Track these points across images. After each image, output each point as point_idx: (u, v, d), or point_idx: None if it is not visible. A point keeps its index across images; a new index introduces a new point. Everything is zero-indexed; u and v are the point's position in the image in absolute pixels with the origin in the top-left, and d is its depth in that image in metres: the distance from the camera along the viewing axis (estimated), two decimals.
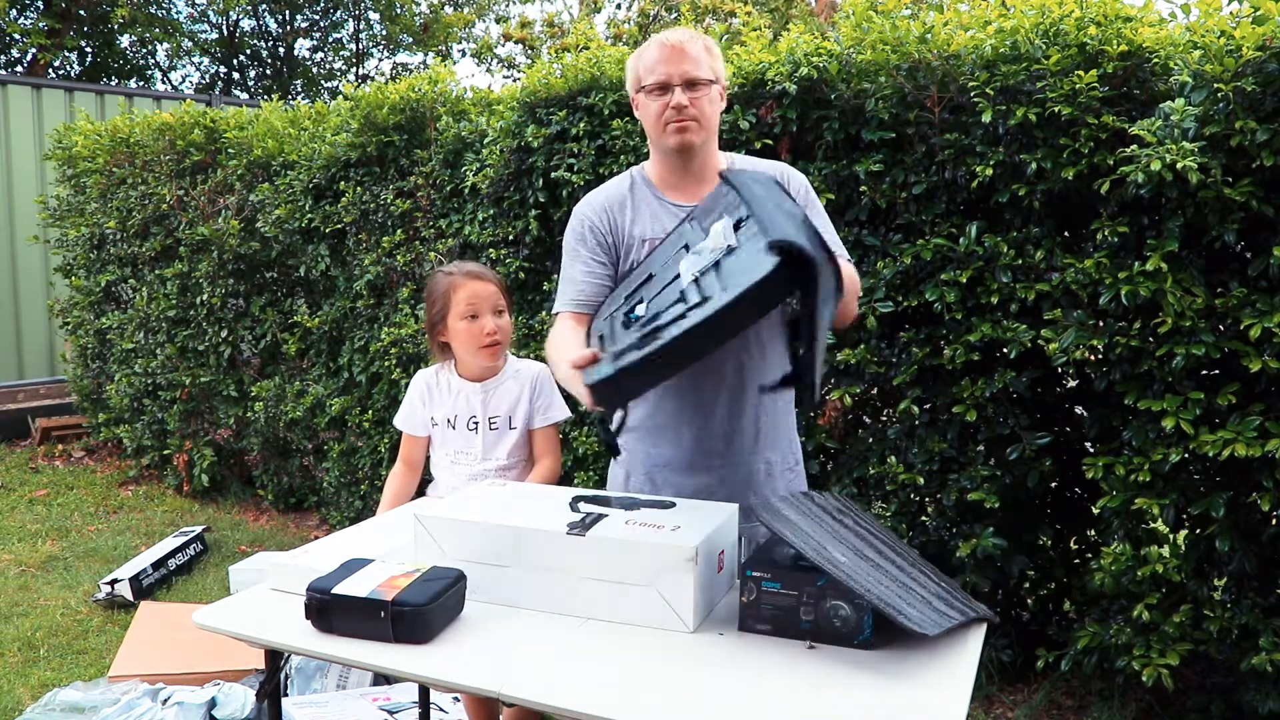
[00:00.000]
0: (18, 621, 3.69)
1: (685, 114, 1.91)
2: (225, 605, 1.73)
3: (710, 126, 1.96)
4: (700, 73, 1.91)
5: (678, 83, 1.90)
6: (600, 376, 1.53)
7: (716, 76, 1.95)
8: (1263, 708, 2.58)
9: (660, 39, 1.94)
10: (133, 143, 5.38)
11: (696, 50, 1.92)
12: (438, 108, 4.06)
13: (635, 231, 2.00)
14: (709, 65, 1.93)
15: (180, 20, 14.17)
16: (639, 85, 1.96)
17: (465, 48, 15.87)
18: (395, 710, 2.81)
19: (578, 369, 1.59)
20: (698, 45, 1.93)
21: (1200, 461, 2.60)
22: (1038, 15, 2.71)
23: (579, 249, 2.01)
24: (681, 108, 1.90)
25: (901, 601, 1.49)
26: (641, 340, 1.56)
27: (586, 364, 1.59)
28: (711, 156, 2.01)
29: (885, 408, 3.16)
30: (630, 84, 2.00)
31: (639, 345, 1.54)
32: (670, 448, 2.01)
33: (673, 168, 2.00)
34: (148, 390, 5.50)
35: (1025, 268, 2.75)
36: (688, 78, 1.90)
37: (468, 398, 2.37)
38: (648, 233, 1.99)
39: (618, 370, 1.51)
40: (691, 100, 1.90)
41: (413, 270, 4.12)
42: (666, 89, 1.91)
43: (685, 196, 1.99)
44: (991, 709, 3.00)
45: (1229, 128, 2.37)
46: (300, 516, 5.05)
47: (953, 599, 1.60)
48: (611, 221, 2.00)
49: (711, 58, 1.94)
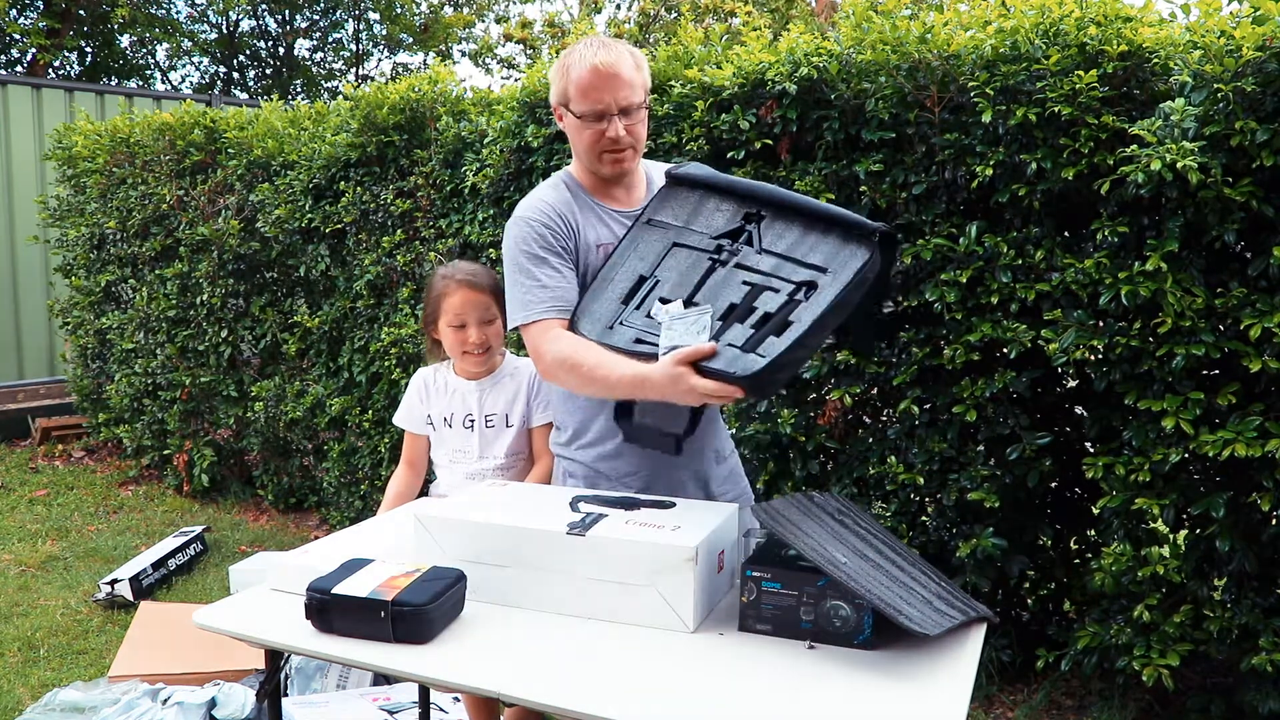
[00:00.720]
0: (18, 621, 3.69)
1: (622, 143, 1.90)
2: (225, 605, 1.73)
3: (643, 146, 1.98)
4: (635, 97, 1.89)
5: (614, 112, 1.87)
6: (756, 368, 1.63)
7: (647, 88, 1.94)
8: (1263, 708, 2.58)
9: (593, 61, 1.86)
10: (133, 143, 5.38)
11: (629, 71, 1.88)
12: (438, 108, 4.06)
13: (590, 237, 1.98)
14: (641, 83, 1.91)
15: (180, 20, 14.17)
16: (567, 102, 1.92)
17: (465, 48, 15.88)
18: (395, 710, 2.81)
19: (689, 364, 1.64)
20: (629, 65, 1.88)
21: (1200, 461, 2.61)
22: (1038, 15, 2.71)
23: (543, 255, 1.92)
24: (618, 139, 1.89)
25: (902, 602, 1.49)
26: (764, 333, 1.69)
27: (705, 357, 1.65)
28: (641, 166, 2.05)
29: (885, 408, 3.16)
30: (556, 95, 1.95)
31: (772, 334, 1.68)
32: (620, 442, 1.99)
33: (605, 180, 2.01)
34: (148, 390, 5.50)
35: (1025, 268, 2.75)
36: (623, 105, 1.87)
37: (464, 396, 2.37)
38: (601, 238, 1.97)
39: (770, 361, 1.63)
40: (628, 129, 1.89)
41: (413, 270, 4.13)
42: (601, 118, 1.88)
43: (622, 203, 2.01)
44: (991, 709, 3.00)
45: (1229, 128, 2.37)
46: (300, 516, 5.05)
47: (953, 599, 1.60)
48: (569, 225, 1.96)
49: (642, 73, 1.92)
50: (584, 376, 1.80)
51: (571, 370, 1.82)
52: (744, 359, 1.66)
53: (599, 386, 1.80)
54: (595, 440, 2.01)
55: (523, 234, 1.93)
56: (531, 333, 1.90)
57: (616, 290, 1.88)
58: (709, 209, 1.89)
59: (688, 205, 1.90)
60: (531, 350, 1.91)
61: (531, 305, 1.89)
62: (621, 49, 1.89)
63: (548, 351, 1.85)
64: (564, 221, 1.94)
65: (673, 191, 1.93)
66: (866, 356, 2.85)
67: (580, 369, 1.79)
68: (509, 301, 1.95)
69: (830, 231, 1.77)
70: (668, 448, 1.90)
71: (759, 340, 1.68)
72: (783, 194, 1.84)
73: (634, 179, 2.03)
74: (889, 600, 1.47)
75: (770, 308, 1.72)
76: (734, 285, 1.78)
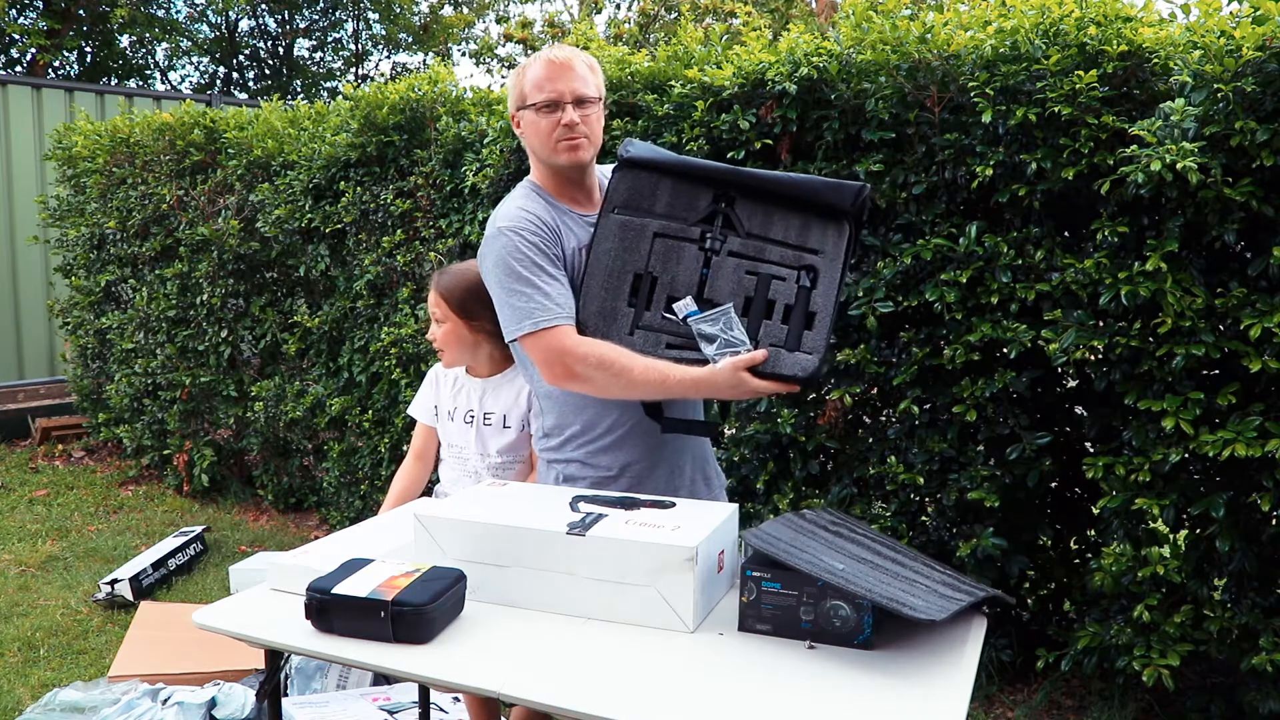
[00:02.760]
0: (18, 621, 3.69)
1: (577, 131, 1.94)
2: (225, 605, 1.73)
3: (598, 142, 2.00)
4: (588, 90, 1.95)
5: (568, 100, 1.93)
6: (814, 367, 1.84)
7: (601, 93, 1.99)
8: (1263, 708, 2.58)
9: (547, 56, 1.96)
10: (133, 143, 5.39)
11: (582, 68, 1.96)
12: (438, 108, 4.06)
13: (569, 242, 1.99)
14: (594, 83, 1.97)
15: (179, 20, 14.18)
16: (524, 102, 1.97)
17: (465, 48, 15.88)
18: (395, 710, 2.81)
19: (747, 369, 1.82)
20: (581, 63, 1.96)
21: (1200, 461, 2.61)
22: (1038, 15, 2.71)
23: (540, 263, 1.92)
24: (573, 125, 1.93)
25: (905, 594, 1.49)
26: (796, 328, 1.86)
27: (760, 363, 1.83)
28: (595, 169, 2.08)
29: (885, 408, 3.16)
30: (514, 101, 2.01)
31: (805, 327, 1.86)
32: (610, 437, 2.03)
33: (565, 182, 2.02)
34: (148, 390, 5.50)
35: (1025, 268, 2.75)
36: (577, 95, 1.93)
37: (468, 393, 2.40)
38: (580, 241, 2.00)
39: (822, 357, 1.84)
40: (582, 118, 1.94)
41: (413, 270, 4.12)
42: (556, 106, 1.93)
43: (584, 207, 2.03)
44: (991, 709, 3.00)
45: (1229, 128, 2.37)
46: (300, 516, 5.05)
47: (959, 584, 1.60)
48: (554, 232, 1.97)
49: (595, 75, 1.99)
50: (630, 379, 1.84)
51: (616, 374, 1.85)
52: (797, 359, 1.84)
53: (648, 388, 1.87)
54: (602, 434, 2.02)
55: (512, 245, 1.92)
56: (546, 340, 1.87)
57: (616, 289, 1.89)
58: (675, 193, 1.94)
59: (650, 190, 1.95)
60: (550, 356, 1.88)
61: (538, 313, 1.88)
62: (577, 51, 1.98)
63: (584, 354, 1.86)
64: (548, 229, 1.95)
65: (629, 175, 1.96)
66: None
67: (628, 372, 1.84)
68: (504, 313, 1.93)
69: (804, 207, 1.90)
70: (712, 436, 2.12)
71: (796, 336, 1.85)
72: (743, 173, 1.94)
73: (592, 181, 2.06)
74: (891, 595, 1.47)
75: (788, 299, 1.87)
76: (738, 276, 1.89)
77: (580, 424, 2.04)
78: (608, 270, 1.91)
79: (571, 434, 2.04)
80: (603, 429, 2.02)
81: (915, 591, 1.52)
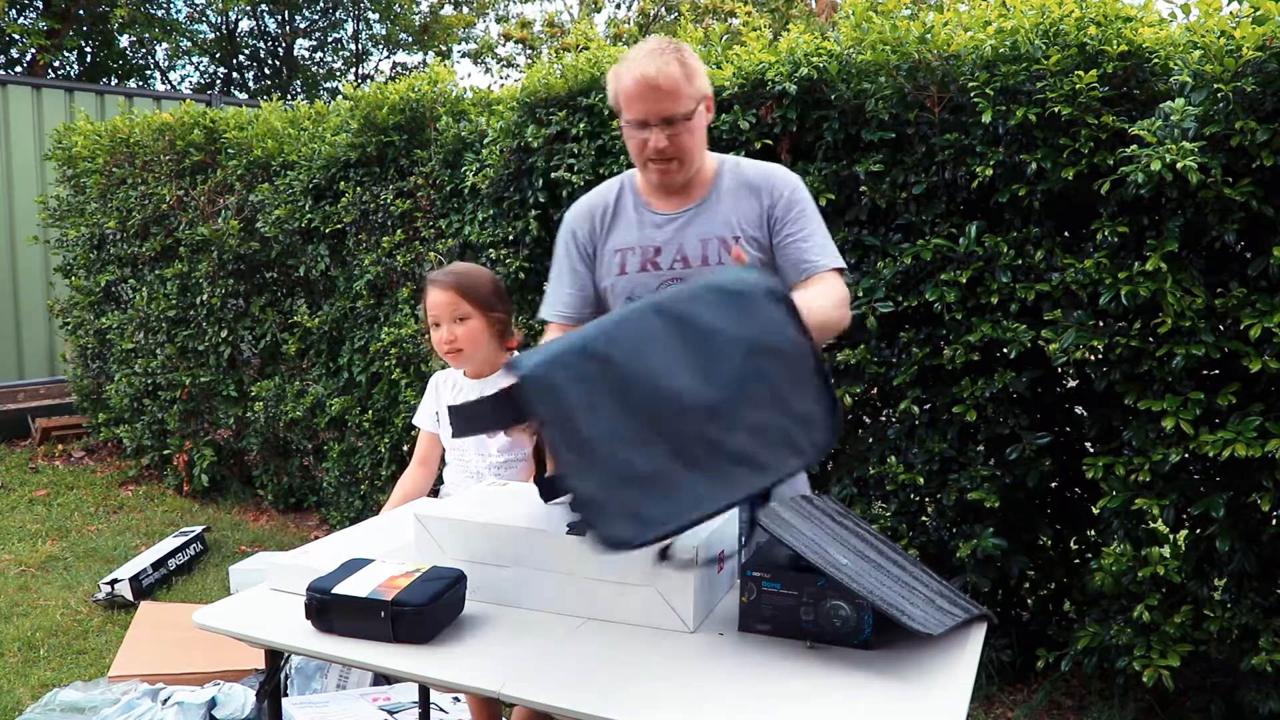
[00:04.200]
0: (18, 621, 3.69)
1: (664, 154, 1.89)
2: (225, 605, 1.73)
3: (692, 154, 1.93)
4: (678, 108, 1.86)
5: (655, 122, 1.87)
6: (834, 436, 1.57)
7: (699, 98, 1.89)
8: (1263, 708, 2.58)
9: (639, 71, 1.85)
10: (133, 143, 5.38)
11: (673, 82, 1.84)
12: (437, 108, 4.06)
13: (610, 242, 2.02)
14: (687, 94, 1.86)
15: (179, 20, 14.18)
16: (616, 108, 1.95)
17: (465, 48, 15.88)
18: (395, 710, 2.81)
19: None
20: (674, 74, 1.84)
21: (1200, 461, 2.60)
22: (1038, 15, 2.71)
23: (565, 259, 2.08)
24: (661, 149, 1.88)
25: (904, 602, 1.49)
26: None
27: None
28: (698, 171, 1.99)
29: (885, 408, 3.16)
30: (611, 98, 1.98)
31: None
32: None
33: (657, 185, 2.01)
34: (148, 390, 5.50)
35: (1025, 268, 2.75)
36: (664, 115, 1.86)
37: (466, 394, 2.39)
38: (619, 243, 2.02)
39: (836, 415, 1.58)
40: (670, 138, 1.87)
41: (413, 270, 4.12)
42: (644, 126, 1.88)
43: (669, 205, 2.00)
44: (991, 709, 3.00)
45: (1229, 128, 2.37)
46: (300, 516, 5.05)
47: (955, 598, 1.60)
48: (593, 229, 2.04)
49: (690, 83, 1.87)
50: None
51: None
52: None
53: None
54: None
55: (561, 233, 2.09)
56: (548, 333, 2.06)
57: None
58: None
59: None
60: None
61: (547, 304, 2.09)
62: (670, 58, 1.85)
63: None
64: (590, 224, 2.04)
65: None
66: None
67: None
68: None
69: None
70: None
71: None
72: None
73: (691, 183, 1.99)
74: (892, 601, 1.47)
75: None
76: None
77: None
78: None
79: None
80: None
81: (914, 600, 1.52)
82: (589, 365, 1.35)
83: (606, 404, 1.35)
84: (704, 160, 1.99)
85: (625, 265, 2.02)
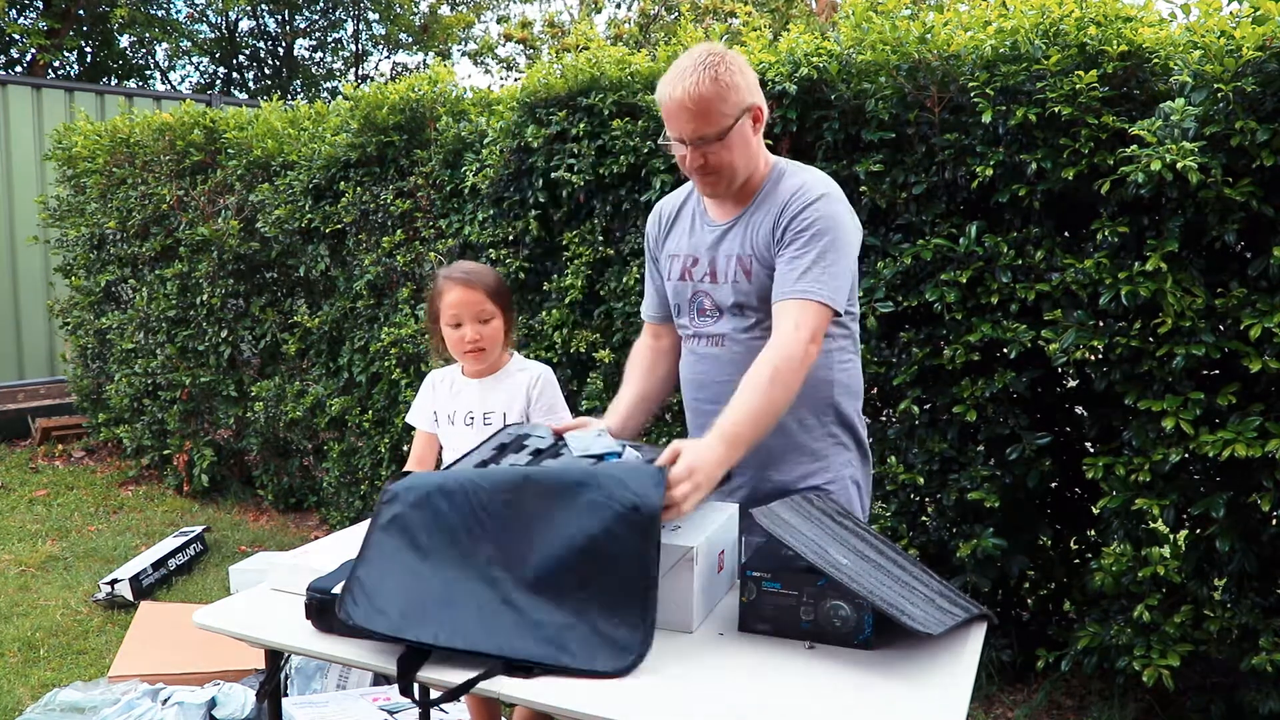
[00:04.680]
0: (18, 621, 3.69)
1: (705, 170, 1.86)
2: (225, 605, 1.73)
3: (733, 168, 1.86)
4: (709, 129, 1.80)
5: (690, 141, 1.83)
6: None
7: (737, 113, 1.81)
8: (1263, 708, 2.58)
9: (671, 89, 1.80)
10: (133, 143, 5.38)
11: (703, 103, 1.78)
12: (437, 108, 4.06)
13: (667, 246, 2.07)
14: (720, 112, 1.79)
15: (179, 20, 14.18)
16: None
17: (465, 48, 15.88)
18: (395, 710, 2.81)
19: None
20: (705, 94, 1.77)
21: (1200, 461, 2.60)
22: (1038, 15, 2.71)
23: (647, 257, 2.18)
24: (700, 167, 1.86)
25: (904, 601, 1.49)
26: None
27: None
28: (749, 177, 1.92)
29: (885, 408, 3.16)
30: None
31: None
32: None
33: (707, 195, 1.99)
34: (148, 390, 5.50)
35: (1025, 268, 2.75)
36: (696, 136, 1.81)
37: (467, 394, 2.39)
38: (674, 248, 2.05)
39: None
40: (706, 156, 1.83)
41: (413, 270, 4.12)
42: (682, 143, 1.85)
43: (720, 214, 1.98)
44: (991, 709, 3.00)
45: (1229, 128, 2.37)
46: (300, 516, 5.05)
47: (956, 597, 1.60)
48: (659, 229, 2.11)
49: (726, 100, 1.79)
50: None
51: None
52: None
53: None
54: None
55: (645, 229, 2.17)
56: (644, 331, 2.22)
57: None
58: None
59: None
60: None
61: (643, 307, 2.23)
62: (704, 75, 1.78)
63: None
64: (659, 225, 2.11)
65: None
66: None
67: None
68: None
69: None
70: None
71: None
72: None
73: (743, 190, 1.93)
74: (891, 601, 1.47)
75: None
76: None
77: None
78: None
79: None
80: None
81: (914, 599, 1.52)
82: (437, 501, 1.55)
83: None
84: (758, 166, 1.92)
85: (672, 272, 2.04)
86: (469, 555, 1.51)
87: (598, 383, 3.51)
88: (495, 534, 1.51)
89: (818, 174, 1.93)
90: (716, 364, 1.95)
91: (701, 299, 1.98)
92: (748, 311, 1.92)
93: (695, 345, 2.01)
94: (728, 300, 1.93)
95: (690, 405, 2.06)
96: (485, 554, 1.50)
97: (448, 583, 1.49)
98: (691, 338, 2.02)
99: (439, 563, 1.50)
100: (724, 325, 1.95)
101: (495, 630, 1.44)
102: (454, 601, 1.47)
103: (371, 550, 1.53)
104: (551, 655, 1.42)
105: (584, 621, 1.44)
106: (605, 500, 1.47)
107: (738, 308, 1.93)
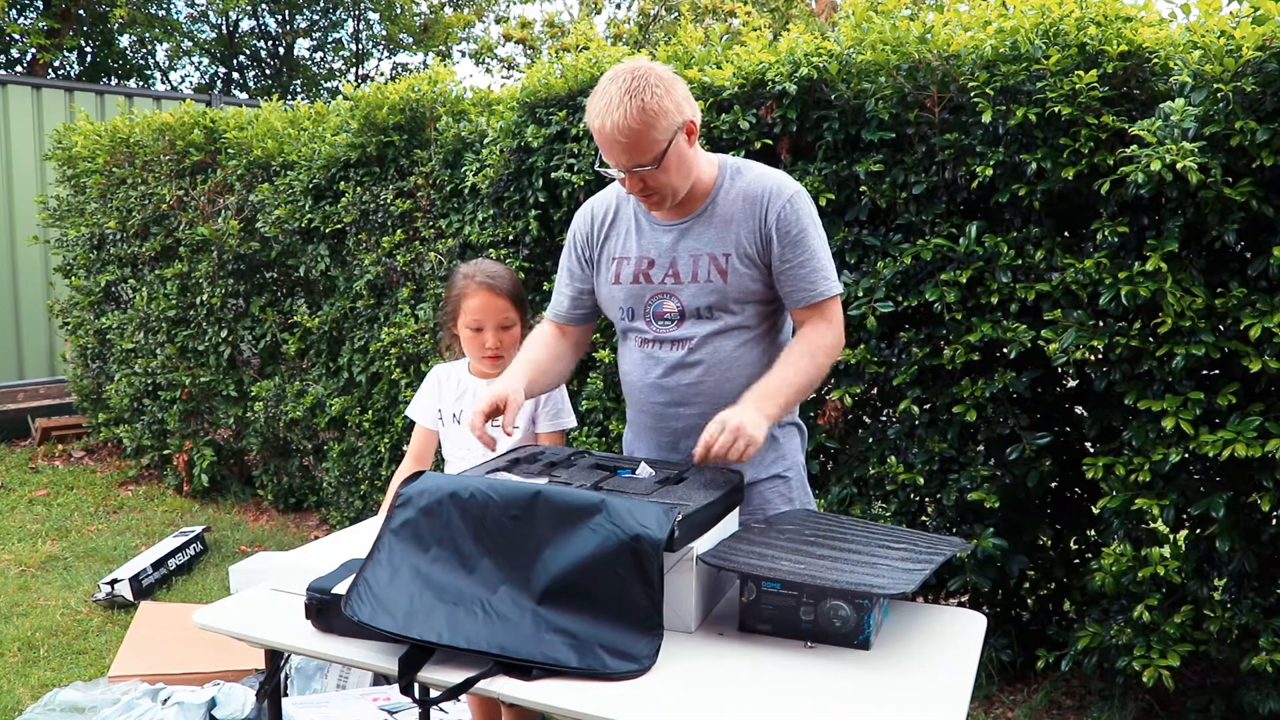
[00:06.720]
0: (18, 621, 3.69)
1: (644, 192, 1.86)
2: (225, 605, 1.73)
3: (672, 187, 1.86)
4: (644, 156, 1.79)
5: (625, 170, 1.82)
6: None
7: (668, 137, 1.79)
8: (1263, 708, 2.58)
9: (600, 122, 1.78)
10: (133, 143, 5.38)
11: (632, 135, 1.76)
12: (437, 108, 4.06)
13: (607, 248, 2.01)
14: (650, 140, 1.77)
15: (179, 20, 14.18)
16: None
17: (465, 48, 15.88)
18: (395, 710, 2.81)
19: None
20: (633, 127, 1.75)
21: (1200, 461, 2.61)
22: (1038, 15, 2.71)
23: (565, 258, 2.11)
24: (639, 189, 1.85)
25: (869, 577, 1.50)
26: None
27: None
28: (695, 185, 1.92)
29: (885, 408, 3.16)
30: None
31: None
32: None
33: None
34: (148, 390, 5.50)
35: (1025, 268, 2.75)
36: (628, 165, 1.81)
37: (473, 394, 2.38)
38: (617, 250, 2.00)
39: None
40: (644, 180, 1.83)
41: (413, 270, 4.13)
42: (620, 169, 1.84)
43: (672, 215, 1.96)
44: (991, 709, 3.00)
45: (1229, 128, 2.37)
46: (300, 516, 5.05)
47: (916, 554, 1.61)
48: (594, 230, 2.04)
49: (654, 128, 1.76)
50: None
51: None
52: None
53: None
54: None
55: (570, 230, 2.10)
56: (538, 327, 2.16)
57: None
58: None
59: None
60: None
61: (551, 303, 2.14)
62: (630, 108, 1.75)
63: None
64: (592, 226, 2.05)
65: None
66: None
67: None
68: None
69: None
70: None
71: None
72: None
73: (689, 196, 1.93)
74: (856, 581, 1.47)
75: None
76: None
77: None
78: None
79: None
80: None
81: (878, 572, 1.52)
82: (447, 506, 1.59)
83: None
84: (699, 172, 1.91)
85: (620, 274, 1.99)
86: (476, 565, 1.54)
87: (598, 383, 3.51)
88: (503, 548, 1.55)
89: (776, 172, 1.98)
90: (682, 368, 1.93)
91: (661, 302, 1.94)
92: (718, 314, 1.91)
93: (654, 350, 1.97)
94: (694, 302, 1.92)
95: (647, 409, 2.01)
96: (491, 566, 1.54)
97: (453, 587, 1.52)
98: (650, 342, 1.97)
99: (446, 569, 1.54)
100: (688, 329, 1.93)
101: (497, 631, 1.45)
102: (458, 604, 1.49)
103: (382, 553, 1.57)
104: (552, 656, 1.43)
105: (587, 630, 1.46)
106: (611, 527, 1.50)
107: (708, 310, 1.91)
